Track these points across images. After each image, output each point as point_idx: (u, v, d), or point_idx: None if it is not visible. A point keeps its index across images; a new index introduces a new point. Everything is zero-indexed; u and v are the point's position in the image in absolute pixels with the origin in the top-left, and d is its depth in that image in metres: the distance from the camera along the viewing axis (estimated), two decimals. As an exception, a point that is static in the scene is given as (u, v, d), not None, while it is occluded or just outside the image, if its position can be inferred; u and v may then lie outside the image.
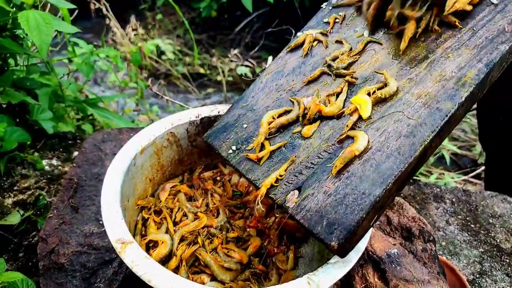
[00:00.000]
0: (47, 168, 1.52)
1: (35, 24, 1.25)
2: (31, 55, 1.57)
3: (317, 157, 0.83)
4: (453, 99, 0.78)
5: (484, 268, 1.30)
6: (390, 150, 0.77)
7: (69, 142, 1.67)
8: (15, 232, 1.27)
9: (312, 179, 0.81)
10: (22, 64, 1.65)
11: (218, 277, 0.91)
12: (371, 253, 1.04)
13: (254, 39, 4.24)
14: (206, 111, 1.12)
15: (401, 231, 1.13)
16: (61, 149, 1.63)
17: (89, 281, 1.00)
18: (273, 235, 0.99)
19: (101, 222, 1.13)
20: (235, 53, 3.43)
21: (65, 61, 1.96)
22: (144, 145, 1.02)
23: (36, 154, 1.57)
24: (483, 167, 2.15)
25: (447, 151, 2.75)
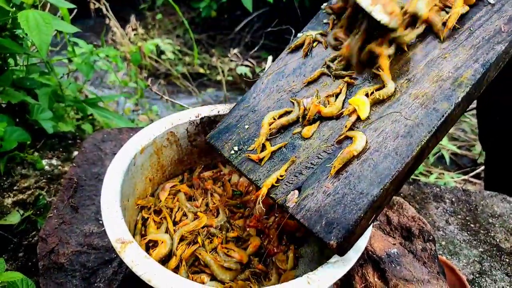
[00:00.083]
0: (47, 168, 1.52)
1: (35, 24, 1.25)
2: (31, 55, 1.57)
3: (317, 157, 0.84)
4: (449, 100, 0.78)
5: (483, 268, 1.30)
6: (387, 150, 0.78)
7: (69, 142, 1.67)
8: (15, 232, 1.27)
9: (311, 179, 0.82)
10: (22, 64, 1.65)
11: (218, 276, 0.91)
12: (371, 252, 1.04)
13: (254, 38, 4.23)
14: (206, 111, 1.12)
15: (401, 230, 1.13)
16: (61, 149, 1.63)
17: (89, 281, 1.00)
18: (273, 234, 0.99)
19: (101, 221, 1.13)
20: (235, 53, 3.43)
21: (65, 61, 1.96)
22: (144, 144, 1.02)
23: (36, 154, 1.57)
24: (483, 166, 2.15)
25: (447, 151, 2.75)
